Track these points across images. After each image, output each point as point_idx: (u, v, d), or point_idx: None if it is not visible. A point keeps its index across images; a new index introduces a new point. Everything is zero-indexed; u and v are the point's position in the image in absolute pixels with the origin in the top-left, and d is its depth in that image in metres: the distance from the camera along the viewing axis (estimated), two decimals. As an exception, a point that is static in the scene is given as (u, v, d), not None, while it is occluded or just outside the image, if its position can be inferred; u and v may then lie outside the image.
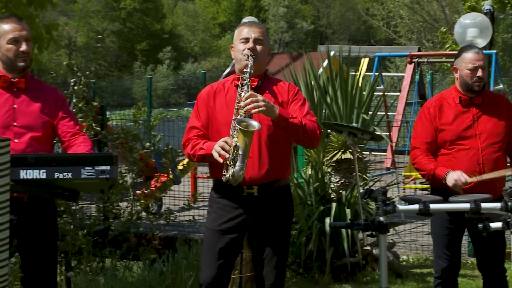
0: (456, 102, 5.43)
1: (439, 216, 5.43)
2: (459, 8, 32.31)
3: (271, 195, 4.77)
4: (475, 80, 5.35)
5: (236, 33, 4.87)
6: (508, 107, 5.51)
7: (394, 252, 8.03)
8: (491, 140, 5.35)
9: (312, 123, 4.75)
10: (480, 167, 5.30)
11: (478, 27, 8.93)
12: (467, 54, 5.38)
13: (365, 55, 15.25)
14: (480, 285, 7.31)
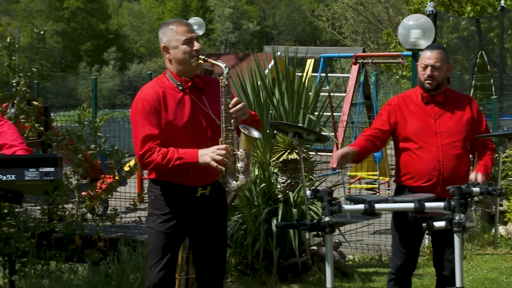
0: (419, 99, 5.49)
1: (400, 213, 5.47)
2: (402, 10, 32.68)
3: (215, 194, 4.81)
4: (426, 78, 5.41)
5: (169, 33, 4.72)
6: (472, 106, 5.56)
7: (340, 252, 8.08)
8: (452, 138, 5.41)
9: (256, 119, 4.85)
10: (440, 164, 5.36)
11: (421, 29, 9.03)
12: (424, 52, 5.47)
13: (311, 56, 15.33)
14: (425, 284, 7.42)
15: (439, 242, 5.55)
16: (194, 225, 4.80)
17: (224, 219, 4.95)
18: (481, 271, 8.32)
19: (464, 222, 4.47)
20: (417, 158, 5.40)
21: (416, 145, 5.41)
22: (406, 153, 5.47)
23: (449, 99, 5.50)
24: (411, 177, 5.45)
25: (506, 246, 9.28)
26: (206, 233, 4.83)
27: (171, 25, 4.76)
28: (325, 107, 9.32)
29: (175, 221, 4.73)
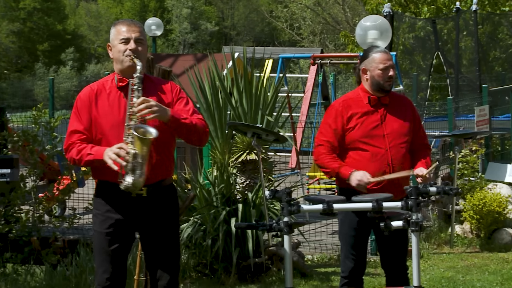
0: (365, 102, 5.51)
1: (348, 217, 5.50)
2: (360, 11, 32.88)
3: (159, 195, 4.79)
4: (387, 79, 5.45)
5: (113, 31, 4.76)
6: (411, 108, 5.63)
7: (299, 252, 8.10)
8: (398, 140, 5.45)
9: (201, 121, 4.78)
10: (389, 167, 5.39)
11: (378, 29, 9.09)
12: (377, 55, 5.47)
13: (269, 56, 15.36)
14: (382, 283, 7.46)
15: (384, 242, 5.59)
16: (138, 226, 4.81)
17: (172, 220, 4.90)
18: (438, 270, 8.40)
19: (421, 222, 4.52)
20: (366, 161, 5.40)
21: (365, 148, 5.43)
22: (354, 157, 5.47)
23: (392, 101, 5.55)
24: None
25: (462, 245, 9.39)
26: (153, 234, 4.82)
27: (116, 24, 4.79)
28: (284, 108, 9.34)
29: (113, 221, 4.73)
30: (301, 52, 19.92)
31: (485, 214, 9.30)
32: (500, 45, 19.05)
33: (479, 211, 9.32)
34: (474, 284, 7.84)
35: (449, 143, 11.45)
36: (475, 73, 16.29)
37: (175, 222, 4.95)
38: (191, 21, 55.35)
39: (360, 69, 5.56)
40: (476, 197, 9.39)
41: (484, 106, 11.56)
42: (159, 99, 4.73)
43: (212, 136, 7.98)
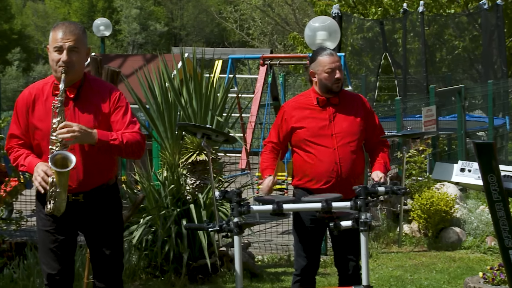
0: (314, 103, 5.56)
1: (302, 216, 5.54)
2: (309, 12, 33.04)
3: (97, 199, 4.77)
4: (334, 81, 5.50)
5: (50, 36, 4.64)
6: (364, 106, 5.67)
7: (250, 253, 8.12)
8: (347, 139, 5.49)
9: (135, 136, 4.67)
10: (338, 166, 5.44)
11: (327, 30, 9.15)
12: (323, 58, 5.51)
13: (219, 57, 15.34)
14: (332, 282, 7.52)
15: (338, 241, 5.64)
16: (79, 227, 4.81)
17: (113, 220, 4.87)
18: (387, 269, 8.49)
19: (370, 221, 4.56)
20: (315, 160, 5.46)
21: (313, 148, 5.48)
22: (303, 157, 5.53)
23: (343, 100, 5.59)
24: (310, 180, 5.51)
25: (410, 244, 9.49)
26: (94, 234, 4.81)
27: (54, 29, 4.66)
28: (234, 108, 9.34)
29: (55, 221, 4.71)
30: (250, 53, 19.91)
31: (432, 213, 9.41)
32: (446, 47, 19.32)
33: (426, 211, 9.43)
34: (422, 283, 7.94)
35: (397, 143, 11.56)
36: (422, 74, 16.49)
37: (117, 222, 4.91)
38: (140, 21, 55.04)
39: (310, 72, 5.61)
40: (424, 196, 9.50)
41: (431, 107, 11.71)
42: (94, 108, 4.66)
43: (162, 137, 7.95)
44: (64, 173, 4.43)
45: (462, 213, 9.86)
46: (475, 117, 15.69)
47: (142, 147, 4.74)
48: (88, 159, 4.65)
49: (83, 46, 4.67)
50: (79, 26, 4.70)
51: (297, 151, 5.57)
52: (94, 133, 4.52)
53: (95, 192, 4.73)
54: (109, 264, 4.83)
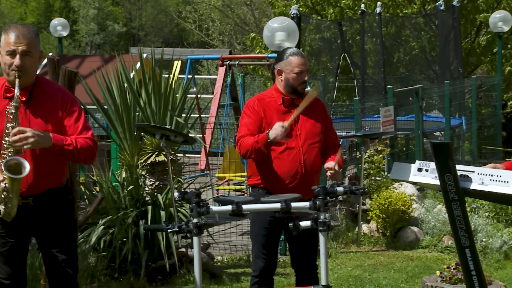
0: (278, 103, 5.57)
1: (259, 216, 5.54)
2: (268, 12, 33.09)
3: (48, 202, 4.73)
4: (301, 83, 5.52)
5: (2, 38, 4.58)
6: (323, 109, 5.75)
7: (209, 253, 8.11)
8: (310, 140, 5.54)
9: (87, 142, 4.65)
10: (301, 166, 5.48)
11: (285, 31, 9.17)
12: (294, 58, 5.52)
13: (178, 57, 15.30)
14: (291, 282, 7.54)
15: (295, 242, 5.66)
16: (31, 230, 4.76)
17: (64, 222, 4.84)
18: (346, 268, 8.54)
19: (329, 221, 4.58)
20: (280, 160, 5.47)
21: (279, 148, 5.49)
22: (268, 156, 5.53)
23: None
24: (273, 180, 5.52)
25: (369, 243, 9.56)
26: (46, 238, 4.78)
27: (6, 31, 4.59)
28: (193, 109, 9.33)
29: (3, 224, 4.67)
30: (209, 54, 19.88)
31: (390, 213, 9.49)
32: (404, 47, 19.47)
33: (385, 210, 9.50)
34: (380, 282, 7.99)
35: (355, 143, 11.64)
36: (380, 75, 16.59)
37: (68, 225, 4.87)
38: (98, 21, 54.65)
39: (276, 69, 5.61)
40: (382, 196, 9.57)
41: (389, 107, 11.80)
42: (48, 111, 4.63)
43: (121, 138, 7.91)
44: (17, 179, 4.40)
45: (419, 213, 9.95)
46: (432, 117, 15.84)
47: (95, 153, 4.73)
48: (39, 162, 4.60)
49: (36, 49, 4.62)
50: (32, 29, 4.63)
51: None
52: (49, 137, 4.49)
53: (45, 195, 4.70)
54: (62, 268, 4.79)
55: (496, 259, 8.83)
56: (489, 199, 5.84)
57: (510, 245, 9.12)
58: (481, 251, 8.85)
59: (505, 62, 19.30)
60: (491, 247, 9.01)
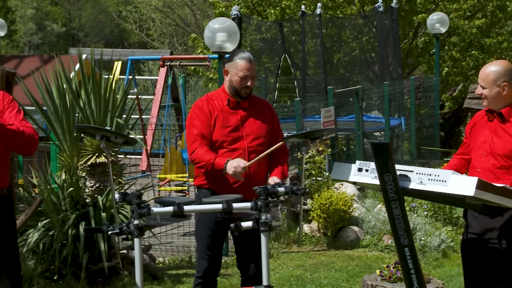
0: (224, 103, 5.58)
1: (204, 217, 5.54)
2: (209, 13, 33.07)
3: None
4: (244, 88, 5.53)
5: None
6: (270, 110, 5.79)
7: (150, 255, 8.07)
8: (257, 141, 5.57)
9: (29, 129, 4.72)
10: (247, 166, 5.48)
11: (226, 32, 9.16)
12: (241, 62, 5.52)
13: (118, 58, 15.19)
14: (233, 283, 7.55)
15: (241, 242, 5.67)
16: None
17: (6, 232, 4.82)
18: (287, 268, 8.58)
19: (270, 222, 4.60)
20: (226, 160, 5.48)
21: (225, 149, 5.51)
22: None
23: (252, 103, 5.67)
24: (218, 181, 5.52)
25: (310, 243, 9.61)
26: None
27: None
28: (134, 110, 9.27)
29: None
30: (150, 54, 19.79)
31: (331, 213, 9.56)
32: (344, 48, 19.64)
33: (326, 210, 9.57)
34: (321, 282, 8.05)
35: (296, 144, 11.69)
36: (321, 75, 16.70)
37: (10, 233, 4.84)
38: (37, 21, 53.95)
39: (224, 69, 5.64)
40: (323, 196, 9.64)
41: (329, 108, 11.89)
42: None
43: (60, 139, 7.82)
44: None
45: (360, 212, 10.05)
46: (372, 118, 16.01)
47: (35, 142, 4.75)
48: None
49: None
50: None
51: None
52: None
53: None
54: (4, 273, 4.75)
55: (435, 258, 8.96)
56: (427, 198, 5.93)
57: (448, 243, 9.27)
58: (420, 250, 8.97)
59: (442, 63, 19.62)
60: (430, 246, 9.14)
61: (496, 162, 5.08)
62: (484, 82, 5.12)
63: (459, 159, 5.43)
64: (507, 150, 5.06)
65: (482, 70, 5.18)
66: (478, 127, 5.31)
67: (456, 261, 8.72)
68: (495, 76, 5.10)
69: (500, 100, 5.12)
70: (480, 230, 5.21)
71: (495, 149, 5.10)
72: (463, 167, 5.39)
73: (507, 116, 5.12)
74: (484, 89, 5.13)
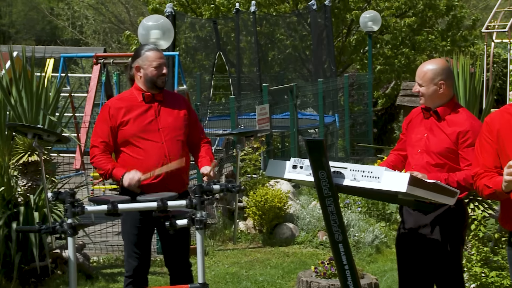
0: (139, 99, 5.58)
1: (130, 216, 5.51)
2: (143, 10, 32.86)
3: None
4: (160, 76, 5.55)
5: None
6: (185, 103, 5.83)
7: (84, 254, 7.99)
8: (173, 133, 5.58)
9: None
10: (167, 159, 5.49)
11: (160, 29, 9.13)
12: (151, 53, 5.57)
13: (50, 55, 14.98)
14: (168, 281, 7.53)
15: (167, 241, 5.66)
16: None
17: None
18: (223, 266, 8.58)
19: (205, 219, 4.60)
20: (143, 156, 5.48)
21: (141, 143, 5.51)
22: (131, 153, 5.54)
23: (166, 96, 5.69)
24: None
25: (245, 240, 9.64)
26: None
27: None
28: (67, 108, 9.16)
29: None
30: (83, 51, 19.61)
31: (267, 210, 9.60)
32: (278, 46, 19.72)
33: (261, 207, 9.60)
34: (257, 278, 8.08)
35: (232, 141, 11.71)
36: (256, 73, 16.75)
37: None
38: (-34, 18, 52.89)
39: (134, 67, 5.62)
40: (259, 193, 9.67)
41: (264, 105, 11.93)
42: None
43: (-9, 138, 7.69)
44: None
45: (295, 209, 10.11)
46: (307, 115, 16.13)
47: None
48: None
49: None
50: None
51: (123, 149, 5.57)
52: None
53: None
54: None
55: (368, 253, 9.07)
56: (361, 194, 6.01)
57: (382, 239, 9.39)
58: (354, 246, 9.08)
59: (375, 60, 19.86)
60: (364, 242, 9.25)
61: (430, 159, 5.17)
62: (421, 80, 5.20)
63: (396, 155, 5.52)
64: (442, 148, 5.14)
65: (420, 68, 5.26)
66: (414, 124, 5.39)
67: (389, 257, 8.85)
68: (433, 74, 5.18)
69: (437, 98, 5.21)
70: (414, 226, 5.30)
71: (430, 147, 5.19)
72: (400, 163, 5.48)
73: (442, 114, 5.21)
74: (421, 87, 5.21)
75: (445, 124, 5.19)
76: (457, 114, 5.22)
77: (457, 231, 5.26)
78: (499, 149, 4.28)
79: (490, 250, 6.70)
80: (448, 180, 4.98)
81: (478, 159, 4.39)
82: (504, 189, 4.09)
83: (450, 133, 5.15)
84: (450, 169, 5.12)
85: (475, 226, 6.77)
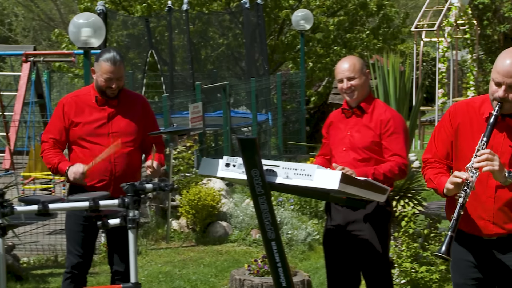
0: (92, 100, 5.53)
1: (74, 212, 5.47)
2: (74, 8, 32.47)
3: None
4: (109, 89, 5.49)
5: None
6: (143, 106, 5.73)
7: (14, 255, 7.87)
8: (124, 139, 5.53)
9: None
10: (112, 165, 5.49)
11: (91, 27, 9.03)
12: (106, 65, 5.46)
13: (-22, 53, 14.71)
14: (100, 281, 7.48)
15: (112, 239, 5.64)
16: None
17: None
18: (156, 265, 8.55)
19: (138, 218, 4.58)
20: (89, 158, 5.43)
21: (89, 146, 5.49)
22: (79, 154, 5.53)
23: (123, 100, 5.62)
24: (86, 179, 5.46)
25: (179, 239, 9.61)
26: None
27: None
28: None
29: None
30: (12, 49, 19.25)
31: (200, 208, 9.58)
32: (211, 44, 19.70)
33: (194, 206, 9.58)
34: (190, 277, 8.07)
35: (164, 140, 11.65)
36: (189, 71, 16.69)
37: None
38: None
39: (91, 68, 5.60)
40: (192, 192, 9.65)
41: (197, 104, 11.91)
42: None
43: None
44: None
45: (228, 207, 10.11)
46: (240, 113, 16.16)
47: None
48: None
49: None
50: None
51: (74, 147, 5.57)
52: None
53: None
54: None
55: (301, 251, 9.13)
56: (294, 192, 6.03)
57: (314, 236, 9.46)
58: (287, 243, 9.13)
59: (308, 59, 19.99)
60: (296, 239, 9.31)
61: (357, 155, 5.24)
62: (353, 73, 5.24)
63: (322, 159, 5.56)
64: (367, 142, 5.22)
65: (345, 64, 5.29)
66: (335, 125, 5.45)
67: (322, 254, 8.84)
68: (360, 65, 5.29)
69: (366, 88, 5.30)
70: (343, 223, 5.35)
71: (355, 143, 5.26)
72: (327, 166, 5.52)
73: (366, 107, 5.29)
74: (353, 80, 5.25)
75: (367, 117, 5.27)
76: (376, 106, 5.33)
77: (384, 226, 5.34)
78: (455, 142, 4.32)
79: (419, 246, 6.81)
80: (375, 174, 5.06)
81: (431, 146, 4.45)
82: (445, 193, 4.19)
83: (374, 125, 5.23)
84: (376, 162, 5.20)
85: (406, 223, 6.88)
